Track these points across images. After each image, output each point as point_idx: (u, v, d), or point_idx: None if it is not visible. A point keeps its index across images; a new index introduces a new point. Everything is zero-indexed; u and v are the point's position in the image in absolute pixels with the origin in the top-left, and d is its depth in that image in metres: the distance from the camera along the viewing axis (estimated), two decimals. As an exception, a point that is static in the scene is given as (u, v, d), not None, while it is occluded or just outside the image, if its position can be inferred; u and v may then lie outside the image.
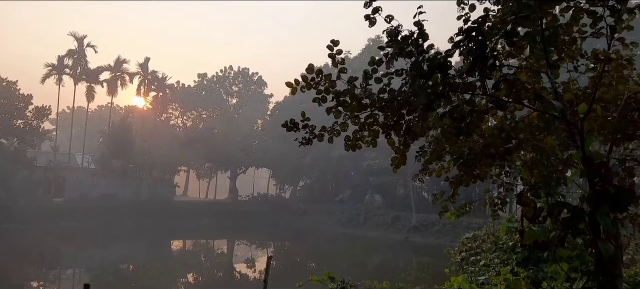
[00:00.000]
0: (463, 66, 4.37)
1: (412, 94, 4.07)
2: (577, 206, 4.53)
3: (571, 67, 5.17)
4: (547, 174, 5.01)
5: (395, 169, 4.73)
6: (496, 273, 9.99)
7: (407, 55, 4.14)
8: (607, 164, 4.60)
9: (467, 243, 15.27)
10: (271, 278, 9.25)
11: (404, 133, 4.44)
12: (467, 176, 5.13)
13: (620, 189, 4.51)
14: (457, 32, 4.09)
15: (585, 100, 4.82)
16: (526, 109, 4.94)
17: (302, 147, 4.79)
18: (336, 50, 4.14)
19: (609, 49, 4.53)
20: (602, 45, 4.82)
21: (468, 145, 4.92)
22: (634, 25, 5.08)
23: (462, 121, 4.50)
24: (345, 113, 4.27)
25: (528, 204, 4.68)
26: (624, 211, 4.54)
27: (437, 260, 27.88)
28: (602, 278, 4.40)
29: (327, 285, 8.67)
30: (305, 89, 4.19)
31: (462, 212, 5.98)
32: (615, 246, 4.41)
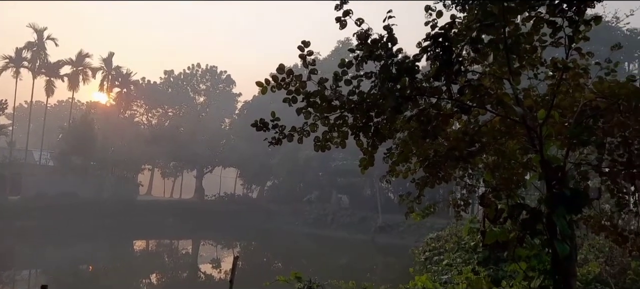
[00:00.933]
0: (430, 71, 4.48)
1: (381, 96, 4.14)
2: (535, 208, 4.73)
3: (531, 74, 5.40)
4: (508, 176, 5.21)
5: (363, 170, 4.80)
6: (458, 272, 10.28)
7: (376, 59, 4.21)
8: (563, 167, 4.83)
9: (430, 243, 15.62)
10: (237, 278, 9.17)
11: (372, 135, 4.51)
12: (432, 178, 5.26)
13: (576, 191, 4.74)
14: (425, 38, 4.19)
15: (544, 106, 5.03)
16: (489, 113, 5.11)
17: (271, 147, 4.79)
18: (307, 51, 4.17)
19: (567, 58, 4.75)
20: (560, 54, 5.05)
21: (433, 147, 5.04)
22: (589, 36, 5.35)
23: (428, 123, 4.62)
24: (314, 114, 4.30)
25: (489, 205, 4.84)
26: (579, 213, 4.78)
27: (402, 260, 28.37)
28: (557, 276, 4.62)
29: (293, 285, 8.69)
30: (275, 89, 4.20)
31: (427, 213, 6.13)
32: (570, 246, 4.63)
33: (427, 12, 4.88)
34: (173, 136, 62.80)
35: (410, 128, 4.70)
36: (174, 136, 63.12)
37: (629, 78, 5.38)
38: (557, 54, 5.35)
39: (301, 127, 4.41)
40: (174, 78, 73.10)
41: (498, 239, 4.99)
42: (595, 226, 5.82)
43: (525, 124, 4.86)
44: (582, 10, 4.25)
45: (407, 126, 4.71)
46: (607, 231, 5.69)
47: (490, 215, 4.91)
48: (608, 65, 5.62)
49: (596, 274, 10.59)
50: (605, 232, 5.73)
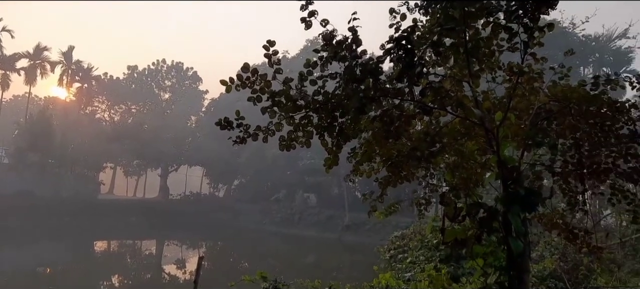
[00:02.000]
0: (393, 72, 4.58)
1: (345, 97, 4.20)
2: (492, 206, 4.92)
3: (490, 77, 5.60)
4: (467, 176, 5.38)
5: (327, 169, 4.85)
6: (421, 269, 10.54)
7: (341, 59, 4.26)
8: (518, 167, 5.04)
9: (395, 241, 15.91)
10: (202, 278, 9.07)
11: (336, 134, 4.57)
12: (395, 177, 5.38)
13: (530, 191, 4.96)
14: (388, 40, 4.28)
15: (501, 108, 5.24)
16: (450, 115, 5.27)
17: (237, 145, 4.77)
18: (272, 50, 4.18)
19: (522, 62, 4.96)
20: (517, 59, 5.27)
21: (396, 147, 5.15)
22: (547, 42, 5.61)
23: (391, 124, 4.72)
24: (279, 113, 4.31)
25: (449, 204, 4.98)
26: (533, 211, 5.00)
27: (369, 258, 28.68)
28: (512, 272, 4.81)
29: (259, 284, 8.67)
30: (239, 88, 4.19)
31: (390, 212, 6.25)
32: (524, 243, 4.84)
33: (392, 14, 4.99)
34: (136, 134, 61.17)
35: (374, 128, 4.79)
36: (138, 133, 61.50)
37: (580, 83, 5.67)
38: (514, 59, 5.57)
39: (266, 127, 4.41)
40: (138, 74, 71.18)
41: (457, 237, 5.17)
42: (548, 224, 6.10)
43: (483, 125, 5.04)
44: (537, 17, 4.44)
45: (370, 126, 4.80)
46: (559, 228, 5.98)
47: (450, 213, 5.06)
48: (561, 70, 5.90)
49: (551, 270, 11.09)
50: (557, 229, 6.01)
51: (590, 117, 5.48)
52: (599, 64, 39.84)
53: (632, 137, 5.38)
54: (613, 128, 5.45)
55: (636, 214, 5.68)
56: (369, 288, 8.85)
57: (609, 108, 5.45)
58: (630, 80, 5.84)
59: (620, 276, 13.14)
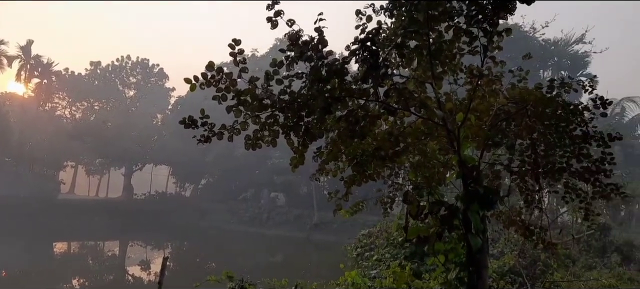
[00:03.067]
0: (358, 73, 4.66)
1: (311, 96, 4.24)
2: (453, 204, 5.08)
3: (452, 79, 5.77)
4: (429, 175, 5.53)
5: (293, 168, 4.88)
6: (387, 267, 10.72)
7: (307, 59, 4.30)
8: (478, 167, 5.22)
9: (362, 239, 16.12)
10: (168, 279, 8.90)
11: (302, 134, 4.60)
12: (360, 176, 5.46)
13: (488, 189, 5.15)
14: (353, 41, 4.35)
15: (462, 110, 5.40)
16: (413, 115, 5.40)
17: (203, 144, 4.73)
18: (237, 49, 4.17)
19: (482, 65, 5.14)
20: (478, 62, 5.45)
21: (361, 147, 5.24)
22: (509, 46, 5.84)
23: (356, 124, 4.80)
24: (245, 112, 4.31)
25: (412, 202, 5.12)
26: (491, 209, 5.19)
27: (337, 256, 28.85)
28: (471, 268, 4.99)
29: (225, 284, 8.60)
30: (204, 86, 4.15)
31: (356, 210, 6.35)
32: (483, 240, 5.02)
33: (358, 16, 5.06)
34: (99, 131, 59.24)
35: (340, 128, 4.85)
36: (101, 131, 59.58)
37: (537, 86, 5.92)
38: (476, 62, 5.76)
39: (231, 126, 4.40)
40: (101, 70, 68.93)
41: (420, 234, 5.31)
42: (507, 221, 6.34)
43: (445, 126, 5.19)
44: (496, 22, 4.61)
45: (336, 126, 4.86)
46: (516, 225, 6.22)
47: (413, 211, 5.19)
48: (520, 73, 6.14)
49: (511, 265, 11.50)
50: (514, 226, 6.26)
51: (546, 119, 5.72)
52: (557, 68, 41.53)
53: (584, 138, 5.65)
54: (567, 129, 5.71)
55: (588, 212, 5.98)
56: (336, 286, 8.93)
57: (564, 110, 5.71)
58: (584, 84, 6.13)
59: (575, 271, 13.79)
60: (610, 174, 5.62)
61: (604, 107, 5.62)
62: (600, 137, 5.54)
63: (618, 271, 13.82)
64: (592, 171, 5.59)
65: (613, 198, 5.58)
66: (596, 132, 5.61)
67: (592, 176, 5.58)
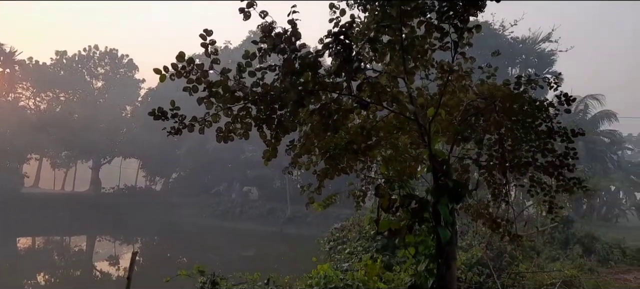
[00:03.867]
0: (332, 67, 4.66)
1: (284, 89, 4.22)
2: (423, 198, 5.17)
3: (424, 75, 5.85)
4: (400, 168, 5.60)
5: (266, 161, 4.86)
6: (359, 259, 10.83)
7: (280, 52, 4.27)
8: (448, 161, 5.33)
9: (335, 233, 16.22)
10: (138, 274, 8.73)
11: (275, 127, 4.58)
12: (333, 169, 5.49)
13: (457, 183, 5.26)
14: (326, 34, 4.34)
15: (434, 105, 5.49)
16: (385, 109, 5.45)
17: (173, 136, 4.65)
18: (209, 40, 4.10)
19: (453, 61, 5.23)
20: (449, 58, 5.54)
21: (334, 141, 5.25)
22: (479, 43, 5.97)
23: (329, 117, 4.81)
24: (217, 104, 4.25)
25: (383, 195, 5.18)
26: (460, 202, 5.31)
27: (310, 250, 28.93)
28: (440, 259, 5.10)
29: (196, 279, 8.51)
30: (174, 77, 4.07)
31: (328, 204, 6.37)
32: (452, 232, 5.14)
33: (331, 9, 5.07)
34: (65, 123, 57.26)
35: (313, 121, 4.85)
36: (67, 123, 57.60)
37: (505, 82, 6.07)
38: (448, 58, 5.86)
39: (203, 118, 4.33)
40: (67, 60, 66.52)
41: (391, 227, 5.38)
42: (475, 214, 6.50)
43: (416, 120, 5.27)
44: (466, 18, 4.70)
45: (309, 119, 4.85)
46: (484, 218, 6.39)
47: (384, 205, 5.26)
48: (489, 70, 6.28)
49: (479, 257, 11.80)
50: (482, 219, 6.42)
51: (513, 114, 5.88)
52: (525, 65, 42.65)
53: (549, 134, 5.84)
54: (533, 125, 5.89)
55: (551, 205, 6.19)
56: (308, 279, 8.97)
57: (530, 106, 5.88)
58: (549, 81, 6.33)
59: (539, 262, 14.28)
60: (573, 169, 5.83)
61: (567, 103, 5.82)
62: (564, 132, 5.74)
63: (579, 262, 14.38)
64: (556, 166, 5.79)
65: (575, 192, 5.79)
66: (560, 127, 5.81)
67: (556, 170, 5.78)
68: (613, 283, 12.88)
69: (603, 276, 13.73)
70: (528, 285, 11.30)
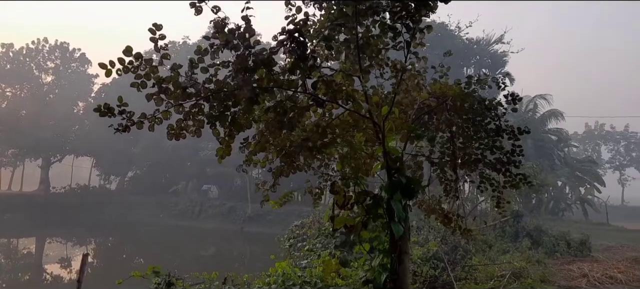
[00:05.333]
0: (286, 64, 4.65)
1: (237, 86, 4.17)
2: (377, 194, 5.26)
3: (379, 73, 5.95)
4: (355, 166, 5.67)
5: (219, 159, 4.80)
6: (318, 256, 10.88)
7: (233, 48, 4.22)
8: (401, 158, 5.44)
9: (295, 230, 16.22)
10: (91, 277, 8.40)
11: (229, 124, 4.52)
12: (288, 167, 5.48)
13: (410, 179, 5.39)
14: (280, 31, 4.33)
15: (388, 103, 5.59)
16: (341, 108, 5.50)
17: (131, 134, 4.51)
18: (159, 34, 3.99)
19: (406, 60, 5.35)
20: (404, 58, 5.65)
21: (290, 138, 5.25)
22: (436, 44, 6.13)
23: (284, 115, 4.80)
24: (167, 101, 4.15)
25: (338, 192, 5.23)
26: (412, 198, 5.43)
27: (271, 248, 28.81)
28: (393, 254, 5.20)
29: (151, 280, 8.28)
30: (121, 72, 3.94)
31: (285, 201, 6.37)
32: (405, 227, 5.25)
33: (287, 6, 5.05)
34: (12, 120, 54.31)
35: (268, 119, 4.83)
36: (14, 119, 54.65)
37: (456, 82, 6.27)
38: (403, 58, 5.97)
39: (152, 114, 4.21)
40: (14, 53, 62.94)
41: (346, 224, 5.45)
42: (428, 210, 6.68)
43: (371, 119, 5.35)
44: (418, 19, 4.81)
45: (264, 117, 4.83)
46: (436, 213, 6.58)
47: (339, 201, 5.31)
48: (441, 69, 6.47)
49: (434, 252, 12.13)
50: (435, 214, 6.61)
51: (464, 113, 6.09)
52: (479, 66, 44.14)
53: (497, 132, 6.09)
54: (483, 123, 6.12)
55: (499, 200, 6.46)
56: (266, 277, 8.93)
57: (480, 105, 6.11)
58: (498, 81, 6.59)
59: (491, 255, 14.86)
60: (519, 165, 6.10)
61: (514, 102, 6.07)
62: (511, 130, 6.00)
63: (528, 254, 15.07)
64: (503, 162, 6.04)
65: (521, 187, 6.07)
66: (508, 126, 6.06)
67: (504, 167, 6.04)
68: (558, 273, 13.59)
69: (549, 267, 14.46)
70: (480, 277, 11.73)
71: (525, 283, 11.03)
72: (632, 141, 70.11)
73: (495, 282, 10.94)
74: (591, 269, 13.65)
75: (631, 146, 70.34)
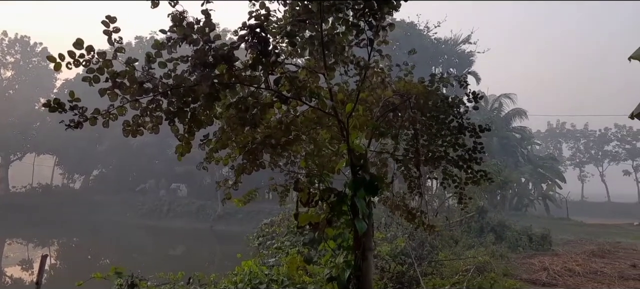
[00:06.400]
0: (249, 60, 4.58)
1: (196, 81, 4.08)
2: (341, 191, 5.26)
3: (343, 71, 5.94)
4: (320, 163, 5.65)
5: (179, 156, 4.69)
6: (286, 254, 10.82)
7: (193, 43, 4.12)
8: (365, 155, 5.46)
9: (264, 228, 16.12)
10: (54, 279, 8.07)
11: (189, 121, 4.41)
12: (251, 164, 5.41)
13: (374, 176, 5.41)
14: (241, 26, 4.25)
15: (353, 101, 5.60)
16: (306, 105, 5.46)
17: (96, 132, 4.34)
18: (113, 27, 3.84)
19: (369, 58, 5.36)
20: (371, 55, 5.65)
21: (253, 135, 5.18)
22: (405, 42, 6.17)
23: (246, 111, 4.73)
24: (123, 96, 4.00)
25: (302, 189, 5.20)
26: (376, 194, 5.46)
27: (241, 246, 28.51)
28: (357, 251, 5.22)
29: (113, 282, 8.05)
30: (71, 66, 3.77)
31: (249, 198, 6.29)
32: (368, 224, 5.28)
33: (251, 1, 4.97)
34: (-33, 116, 51.82)
35: (229, 115, 4.75)
36: (-31, 116, 52.15)
37: (420, 80, 6.33)
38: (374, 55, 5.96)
39: (106, 110, 4.06)
40: (-31, 46, 60.14)
41: (311, 221, 5.42)
42: (392, 206, 6.74)
43: (336, 116, 5.34)
44: (380, 17, 4.82)
45: (226, 114, 4.74)
46: (400, 210, 6.64)
47: (304, 199, 5.28)
48: (406, 68, 6.52)
49: (402, 248, 12.28)
50: (399, 211, 6.67)
51: (428, 111, 6.16)
52: (447, 65, 45.00)
53: (460, 129, 6.19)
54: (446, 121, 6.21)
55: (461, 196, 6.57)
56: (233, 276, 8.82)
57: (443, 103, 6.19)
58: (460, 80, 6.70)
59: (457, 250, 15.17)
60: (480, 162, 6.22)
61: (476, 100, 6.19)
62: (472, 128, 6.10)
63: (492, 249, 15.46)
64: (465, 159, 6.14)
65: (482, 183, 6.19)
66: (469, 123, 6.17)
67: (465, 164, 6.14)
68: (520, 267, 14.01)
69: (512, 261, 14.89)
70: (446, 272, 11.95)
71: (488, 277, 11.30)
72: (591, 138, 73.02)
73: (460, 277, 11.17)
74: (551, 262, 14.13)
75: (590, 143, 73.25)
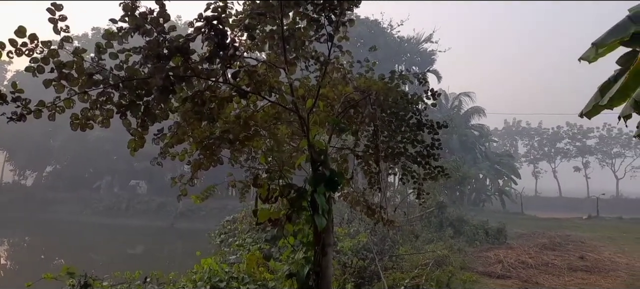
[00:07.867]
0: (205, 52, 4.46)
1: (149, 74, 3.93)
2: (301, 187, 5.23)
3: (304, 66, 5.90)
4: (280, 159, 5.60)
5: (132, 152, 4.52)
6: (247, 251, 10.71)
7: (146, 33, 3.97)
8: (325, 151, 5.45)
9: (226, 225, 15.91)
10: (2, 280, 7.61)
11: (142, 114, 4.26)
12: (208, 160, 5.30)
13: (334, 172, 5.41)
14: (197, 17, 4.14)
15: (313, 96, 5.57)
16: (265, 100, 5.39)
17: (49, 125, 4.09)
18: (59, 15, 3.64)
19: (329, 53, 5.35)
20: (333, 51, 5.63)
21: (210, 130, 5.07)
22: (369, 40, 6.17)
23: (203, 105, 4.61)
24: (70, 88, 3.81)
25: (261, 186, 5.14)
26: (335, 190, 5.47)
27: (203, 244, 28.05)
28: (317, 247, 5.21)
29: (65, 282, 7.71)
30: (12, 55, 3.55)
31: (207, 195, 6.16)
32: (328, 220, 5.27)
33: (208, -7, 4.85)
34: None
35: (185, 109, 4.62)
36: None
37: (380, 76, 6.39)
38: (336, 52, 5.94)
39: (52, 102, 3.85)
40: None
41: (270, 217, 5.37)
42: (353, 202, 6.78)
43: (296, 111, 5.30)
44: (339, 13, 4.81)
45: (181, 108, 4.61)
46: (360, 205, 6.69)
47: (263, 195, 5.22)
48: (367, 64, 6.55)
49: (364, 243, 12.41)
50: (359, 206, 6.72)
51: (388, 107, 6.22)
52: (409, 63, 45.81)
53: (418, 126, 6.29)
54: (405, 117, 6.29)
55: (420, 191, 6.69)
56: (192, 275, 8.64)
57: (402, 99, 6.27)
58: (419, 77, 6.80)
59: (417, 244, 15.49)
60: (438, 158, 6.35)
61: (434, 98, 6.31)
62: (430, 124, 6.22)
63: (450, 243, 15.89)
64: (423, 155, 6.25)
65: (439, 178, 6.32)
66: (428, 120, 6.28)
67: (424, 160, 6.25)
68: (476, 260, 14.46)
69: (469, 254, 15.36)
70: (406, 266, 12.17)
71: (446, 271, 11.59)
72: (545, 136, 76.29)
73: (420, 270, 11.40)
74: (506, 255, 14.67)
75: (544, 141, 76.51)
